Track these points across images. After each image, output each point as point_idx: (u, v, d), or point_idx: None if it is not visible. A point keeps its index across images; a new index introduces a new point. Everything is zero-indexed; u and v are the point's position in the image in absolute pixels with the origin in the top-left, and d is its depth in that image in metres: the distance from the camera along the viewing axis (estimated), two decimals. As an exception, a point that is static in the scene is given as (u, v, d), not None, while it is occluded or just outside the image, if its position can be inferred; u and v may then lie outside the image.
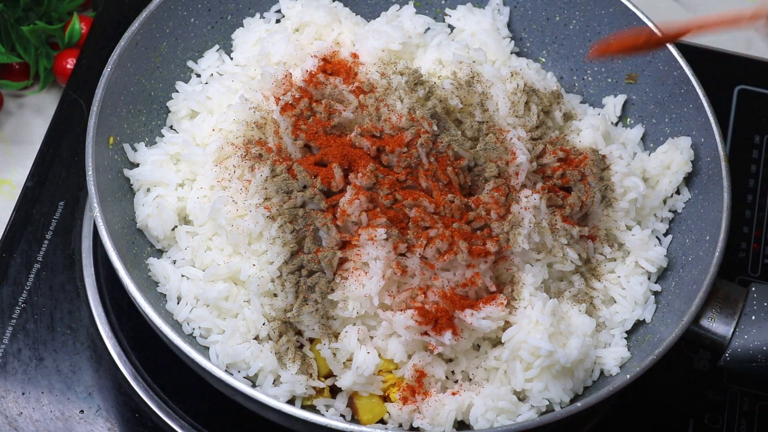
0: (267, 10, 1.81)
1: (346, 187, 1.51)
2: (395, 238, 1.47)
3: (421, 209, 1.49)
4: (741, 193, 1.94)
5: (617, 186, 1.62)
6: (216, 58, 1.76)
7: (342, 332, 1.49)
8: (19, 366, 1.67)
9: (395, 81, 1.60)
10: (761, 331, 1.50)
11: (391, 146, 1.52)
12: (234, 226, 1.51)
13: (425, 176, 1.51)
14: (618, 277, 1.59)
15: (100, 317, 1.70)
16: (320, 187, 1.51)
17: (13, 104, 2.00)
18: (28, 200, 1.81)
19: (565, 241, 1.54)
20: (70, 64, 1.95)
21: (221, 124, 1.62)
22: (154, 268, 1.56)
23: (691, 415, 1.73)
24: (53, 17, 1.98)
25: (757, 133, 2.02)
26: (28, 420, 1.62)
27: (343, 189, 1.52)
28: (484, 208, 1.51)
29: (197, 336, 1.52)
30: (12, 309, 1.71)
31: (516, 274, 1.51)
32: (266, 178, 1.52)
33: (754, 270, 1.88)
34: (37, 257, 1.76)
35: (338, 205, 1.50)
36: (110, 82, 1.59)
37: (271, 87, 1.61)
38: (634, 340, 1.57)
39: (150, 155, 1.62)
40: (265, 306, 1.49)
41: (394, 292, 1.48)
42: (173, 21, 1.71)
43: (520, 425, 1.40)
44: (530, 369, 1.47)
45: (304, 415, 1.36)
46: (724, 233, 1.52)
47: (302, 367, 1.49)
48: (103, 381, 1.67)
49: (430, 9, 1.85)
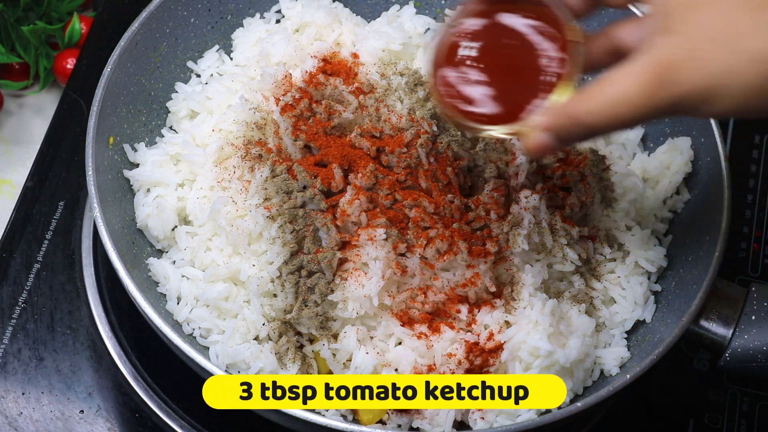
0: (267, 10, 1.81)
1: (346, 187, 1.51)
2: (395, 239, 1.47)
3: (421, 209, 1.49)
4: (741, 193, 1.94)
5: (617, 186, 1.62)
6: (216, 58, 1.76)
7: (341, 333, 1.49)
8: (19, 366, 1.67)
9: (395, 81, 1.60)
10: (761, 331, 1.50)
11: (390, 147, 1.52)
12: (234, 226, 1.51)
13: (425, 176, 1.51)
14: (618, 278, 1.59)
15: (100, 317, 1.70)
16: (320, 188, 1.51)
17: (13, 104, 2.00)
18: (28, 200, 1.81)
19: (565, 241, 1.54)
20: (70, 64, 1.95)
21: (221, 124, 1.62)
22: (154, 268, 1.56)
23: (691, 415, 1.73)
24: (53, 17, 1.98)
25: (757, 133, 2.02)
26: (28, 420, 1.62)
27: (343, 189, 1.52)
28: (484, 209, 1.51)
29: (197, 336, 1.52)
30: (12, 309, 1.71)
31: (516, 275, 1.51)
32: (266, 179, 1.52)
33: (754, 270, 1.88)
34: (37, 257, 1.76)
35: (338, 206, 1.50)
36: (110, 82, 1.59)
37: (271, 87, 1.61)
38: (634, 340, 1.57)
39: (150, 155, 1.63)
40: (264, 306, 1.49)
41: (394, 293, 1.48)
42: (173, 21, 1.71)
43: (519, 425, 1.40)
44: (530, 369, 1.47)
45: (304, 415, 1.36)
46: (724, 233, 1.52)
47: (302, 368, 1.49)
48: (103, 381, 1.67)
49: (430, 9, 1.85)
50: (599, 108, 1.17)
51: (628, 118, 1.17)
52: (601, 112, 1.17)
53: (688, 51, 1.14)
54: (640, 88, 1.15)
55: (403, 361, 1.47)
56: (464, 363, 1.46)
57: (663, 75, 1.14)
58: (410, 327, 1.48)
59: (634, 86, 1.15)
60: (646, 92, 1.15)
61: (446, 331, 1.47)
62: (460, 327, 1.48)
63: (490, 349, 1.47)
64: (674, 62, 1.14)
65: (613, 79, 1.17)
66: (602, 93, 1.17)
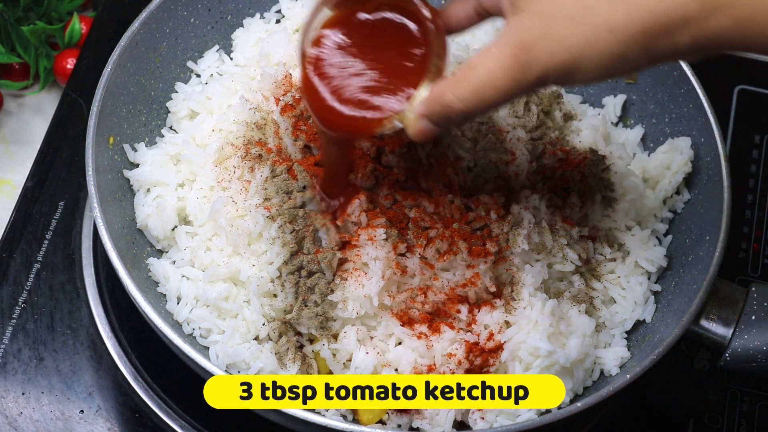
0: (267, 11, 1.81)
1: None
2: (395, 239, 1.47)
3: (421, 210, 1.49)
4: (741, 193, 1.94)
5: (617, 186, 1.62)
6: (216, 58, 1.76)
7: (341, 333, 1.49)
8: (19, 366, 1.67)
9: (395, 81, 1.60)
10: (761, 331, 1.50)
11: (390, 147, 1.52)
12: (234, 226, 1.51)
13: (425, 176, 1.51)
14: (618, 278, 1.59)
15: (100, 317, 1.70)
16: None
17: (13, 104, 2.00)
18: (28, 200, 1.81)
19: (565, 241, 1.54)
20: (70, 64, 1.95)
21: (221, 124, 1.62)
22: (154, 268, 1.56)
23: (691, 415, 1.73)
24: (53, 17, 1.98)
25: (757, 133, 2.02)
26: (28, 420, 1.62)
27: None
28: (484, 209, 1.51)
29: (197, 336, 1.52)
30: (12, 309, 1.71)
31: (516, 275, 1.51)
32: (266, 179, 1.52)
33: (754, 270, 1.88)
34: (37, 257, 1.76)
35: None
36: (110, 82, 1.59)
37: (271, 87, 1.61)
38: (634, 340, 1.57)
39: (150, 155, 1.63)
40: (264, 306, 1.49)
41: (394, 293, 1.48)
42: (173, 21, 1.71)
43: (519, 425, 1.40)
44: (529, 369, 1.47)
45: (304, 415, 1.36)
46: (724, 233, 1.52)
47: (302, 368, 1.49)
48: (103, 381, 1.67)
49: (430, 9, 1.85)
50: (468, 94, 1.22)
51: (497, 99, 1.22)
52: (471, 97, 1.22)
53: (543, 29, 1.17)
54: (503, 71, 1.19)
55: (403, 361, 1.47)
56: (464, 363, 1.46)
57: (521, 56, 1.18)
58: (410, 327, 1.48)
59: (496, 70, 1.19)
60: (508, 75, 1.19)
61: (446, 331, 1.47)
62: (460, 327, 1.48)
63: (490, 349, 1.47)
64: (530, 41, 1.18)
65: (477, 65, 1.21)
66: (468, 79, 1.22)
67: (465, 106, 1.23)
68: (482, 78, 1.21)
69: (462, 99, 1.22)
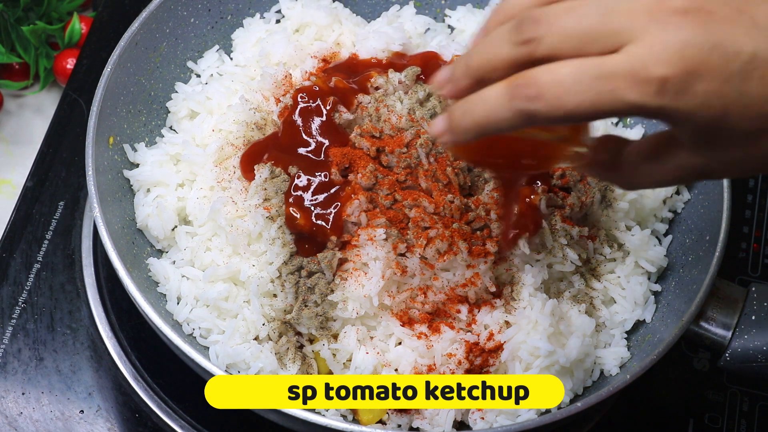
0: (267, 11, 1.81)
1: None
2: (395, 239, 1.47)
3: (421, 209, 1.49)
4: (741, 193, 1.94)
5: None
6: (216, 58, 1.76)
7: (341, 333, 1.49)
8: (19, 366, 1.67)
9: (395, 81, 1.60)
10: (761, 331, 1.50)
11: (390, 147, 1.52)
12: (234, 226, 1.51)
13: (425, 176, 1.51)
14: (618, 278, 1.59)
15: (100, 317, 1.70)
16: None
17: (13, 104, 2.00)
18: (28, 200, 1.81)
19: (565, 241, 1.54)
20: (70, 64, 1.95)
21: (221, 124, 1.62)
22: (154, 268, 1.56)
23: (691, 415, 1.73)
24: (53, 17, 1.98)
25: (757, 133, 2.02)
26: (28, 420, 1.62)
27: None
28: (484, 209, 1.51)
29: (197, 336, 1.52)
30: (12, 309, 1.71)
31: (516, 275, 1.51)
32: (266, 179, 1.52)
33: (754, 270, 1.88)
34: (37, 257, 1.76)
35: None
36: (110, 82, 1.59)
37: (271, 87, 1.61)
38: (634, 340, 1.57)
39: (150, 155, 1.63)
40: (264, 306, 1.49)
41: (394, 293, 1.48)
42: (173, 21, 1.71)
43: (519, 425, 1.40)
44: (529, 369, 1.47)
45: (304, 415, 1.36)
46: (724, 233, 1.52)
47: (302, 368, 1.49)
48: (103, 381, 1.67)
49: (430, 9, 1.85)
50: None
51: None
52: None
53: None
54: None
55: (403, 361, 1.47)
56: (464, 363, 1.46)
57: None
58: (410, 327, 1.48)
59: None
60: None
61: (446, 331, 1.47)
62: (460, 327, 1.48)
63: (490, 349, 1.47)
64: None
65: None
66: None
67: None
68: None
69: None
